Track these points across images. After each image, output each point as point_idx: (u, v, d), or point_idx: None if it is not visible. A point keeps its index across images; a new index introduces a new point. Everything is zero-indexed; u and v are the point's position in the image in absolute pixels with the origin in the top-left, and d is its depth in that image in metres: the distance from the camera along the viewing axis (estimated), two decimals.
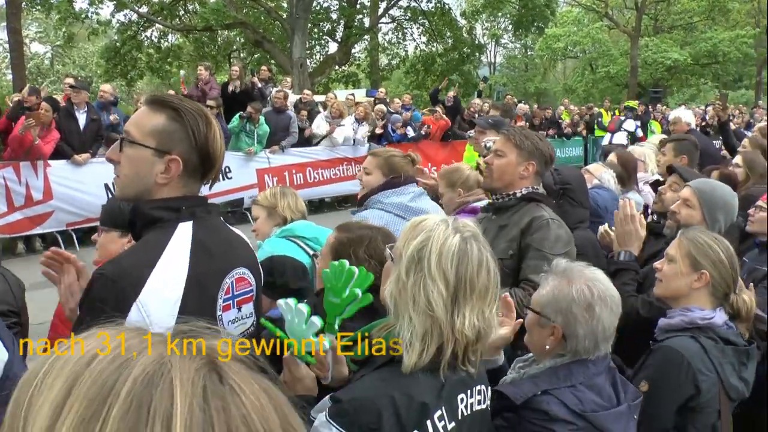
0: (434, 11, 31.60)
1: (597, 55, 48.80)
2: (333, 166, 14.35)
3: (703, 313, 2.83)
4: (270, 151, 13.58)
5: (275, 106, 13.84)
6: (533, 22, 33.23)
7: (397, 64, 35.02)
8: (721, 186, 3.79)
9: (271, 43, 27.94)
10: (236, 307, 2.24)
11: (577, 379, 2.31)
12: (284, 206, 4.13)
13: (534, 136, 3.63)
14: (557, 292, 2.36)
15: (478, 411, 2.09)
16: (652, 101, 27.61)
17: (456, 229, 1.98)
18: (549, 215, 3.41)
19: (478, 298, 1.94)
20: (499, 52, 62.93)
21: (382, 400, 1.86)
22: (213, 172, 2.18)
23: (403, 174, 4.16)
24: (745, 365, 2.82)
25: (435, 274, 1.91)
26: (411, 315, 1.93)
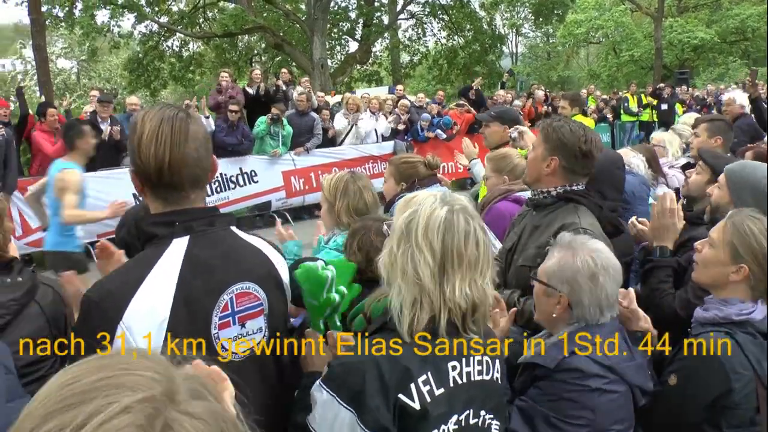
0: (453, 4, 31.53)
1: (620, 38, 48.23)
2: (359, 164, 14.28)
3: (740, 307, 2.66)
4: (295, 153, 13.61)
5: (298, 109, 13.87)
6: (553, 9, 32.98)
7: (419, 60, 34.95)
8: (753, 165, 3.59)
9: (291, 45, 28.05)
10: (238, 323, 2.16)
11: (599, 339, 2.44)
12: (341, 208, 3.68)
13: (565, 127, 3.25)
14: (563, 262, 2.48)
15: (480, 381, 2.09)
16: (679, 82, 27.30)
17: (444, 202, 2.03)
18: (583, 223, 3.11)
19: (468, 268, 2.00)
20: (521, 42, 62.59)
21: (368, 363, 1.93)
22: (178, 181, 2.05)
23: (418, 178, 4.18)
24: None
25: (422, 245, 1.97)
26: (400, 284, 2.00)
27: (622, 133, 22.62)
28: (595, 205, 3.26)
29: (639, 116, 22.61)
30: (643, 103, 22.58)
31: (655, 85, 24.69)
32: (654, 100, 22.32)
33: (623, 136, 22.48)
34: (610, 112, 22.29)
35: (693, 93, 25.84)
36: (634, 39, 46.80)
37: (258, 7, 28.13)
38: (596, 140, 3.24)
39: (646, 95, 23.01)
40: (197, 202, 2.14)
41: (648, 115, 22.48)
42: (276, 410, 2.30)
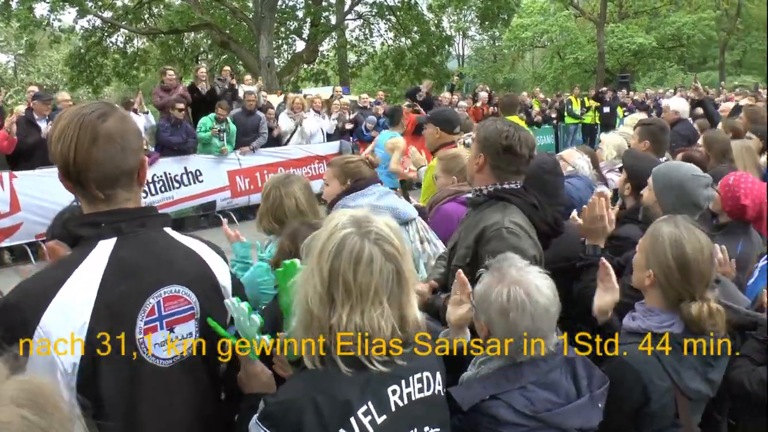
0: (400, 6, 31.60)
1: (564, 43, 49.17)
2: (305, 164, 14.23)
3: (661, 318, 2.70)
4: (240, 152, 13.46)
5: (247, 108, 13.74)
6: (499, 13, 33.33)
7: (365, 60, 34.96)
8: (678, 166, 3.69)
9: (237, 43, 27.80)
10: (166, 328, 2.06)
11: (527, 379, 2.27)
12: (262, 212, 3.70)
13: (491, 125, 3.27)
14: (484, 290, 2.34)
15: (421, 399, 2.01)
16: (620, 86, 27.94)
17: (352, 224, 1.93)
18: (506, 222, 3.06)
19: (360, 298, 1.88)
20: (467, 45, 63.11)
21: (304, 401, 1.84)
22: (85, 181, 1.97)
23: (361, 177, 4.15)
24: (711, 366, 2.70)
25: (313, 269, 1.91)
26: (298, 310, 1.94)
27: (566, 134, 23.01)
28: (527, 204, 3.21)
29: (582, 119, 23.02)
30: (586, 106, 23.01)
31: (598, 89, 25.23)
32: (596, 103, 22.78)
33: (567, 137, 22.87)
34: (554, 112, 22.65)
35: (633, 96, 26.45)
36: (578, 43, 47.77)
37: (204, 4, 27.76)
38: (523, 137, 3.18)
39: (589, 98, 23.46)
40: (128, 203, 2.07)
41: (591, 117, 22.91)
42: (217, 418, 2.24)
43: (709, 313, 2.62)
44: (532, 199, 3.25)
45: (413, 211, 4.31)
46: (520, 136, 3.17)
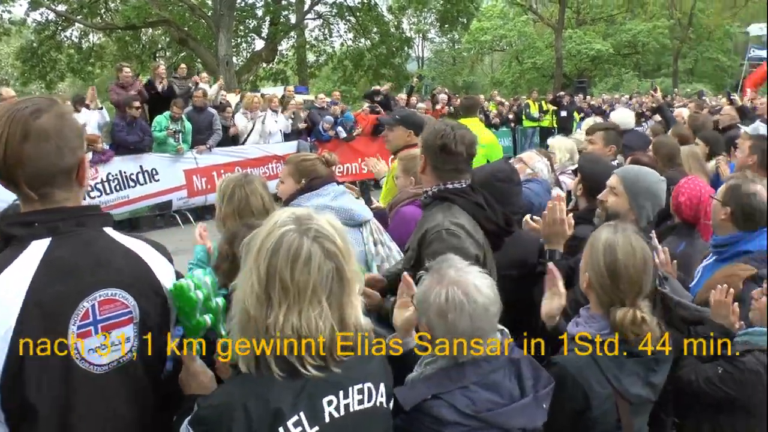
0: (360, 7, 31.62)
1: (523, 47, 49.80)
2: (262, 164, 14.07)
3: (601, 325, 2.74)
4: (197, 151, 13.27)
5: (195, 104, 13.53)
6: (458, 17, 33.57)
7: (324, 60, 34.89)
8: (646, 172, 3.76)
9: (196, 41, 27.52)
10: (101, 332, 1.97)
11: (470, 379, 2.26)
12: (227, 213, 3.59)
13: (430, 126, 3.28)
14: (423, 291, 2.32)
15: (360, 411, 1.96)
16: (578, 91, 28.36)
17: (293, 221, 1.89)
18: (446, 223, 3.06)
19: (297, 297, 1.83)
20: (427, 47, 63.36)
21: (235, 406, 1.80)
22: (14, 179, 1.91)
23: (317, 176, 4.11)
24: (654, 371, 2.74)
25: (251, 268, 1.85)
26: (235, 309, 1.89)
27: (524, 137, 23.26)
28: (471, 203, 3.19)
29: (540, 122, 23.32)
30: (544, 110, 23.32)
31: (556, 93, 25.52)
32: (554, 107, 23.12)
33: (524, 140, 23.12)
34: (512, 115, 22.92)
35: (590, 101, 26.85)
36: (536, 48, 48.42)
37: (162, 1, 27.41)
38: (459, 135, 3.15)
39: (546, 102, 23.77)
40: (67, 202, 2.00)
41: (548, 121, 23.21)
42: (159, 423, 2.18)
43: (633, 320, 2.64)
44: (477, 198, 3.23)
45: (368, 213, 4.30)
46: (456, 135, 3.15)
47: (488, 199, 3.30)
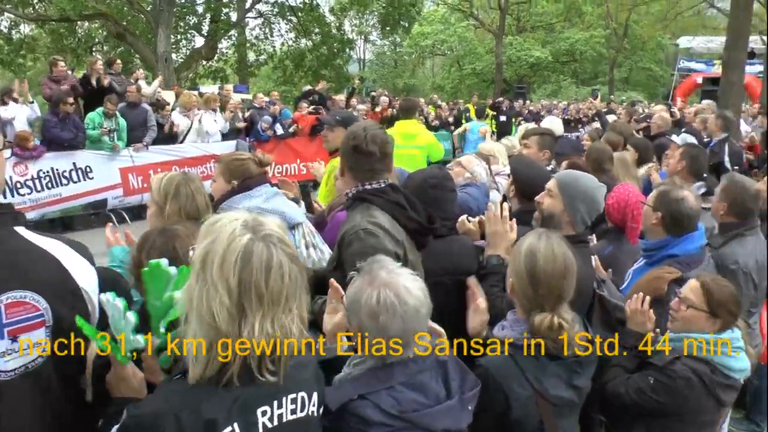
0: (302, 7, 31.47)
1: (464, 53, 50.29)
2: (200, 163, 13.82)
3: (522, 329, 2.78)
4: (134, 149, 12.98)
5: (129, 101, 13.21)
6: (399, 20, 33.74)
7: (265, 60, 34.63)
8: (584, 177, 3.80)
9: (134, 36, 26.88)
10: (8, 337, 1.90)
11: (396, 380, 2.26)
12: (172, 211, 3.41)
13: (349, 129, 3.29)
14: (354, 293, 2.30)
15: (292, 421, 1.94)
16: (517, 97, 28.83)
17: (247, 229, 1.84)
18: (364, 224, 3.04)
19: (271, 304, 1.80)
20: (369, 49, 63.51)
21: (167, 416, 1.74)
22: None
23: (249, 176, 4.07)
24: (577, 372, 2.77)
25: (217, 282, 1.76)
26: (196, 326, 1.79)
27: (463, 141, 23.54)
28: (390, 203, 3.17)
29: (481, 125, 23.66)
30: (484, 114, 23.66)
31: (495, 98, 25.89)
32: (493, 111, 23.47)
33: (464, 144, 23.40)
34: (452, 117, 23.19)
35: (529, 107, 27.32)
36: (477, 54, 49.03)
37: None
38: (371, 135, 3.15)
39: (486, 106, 24.11)
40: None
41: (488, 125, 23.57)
42: (76, 427, 2.12)
43: (550, 326, 2.67)
44: (396, 197, 3.21)
45: (300, 215, 4.27)
46: (368, 135, 3.15)
47: (410, 198, 3.29)
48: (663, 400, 3.16)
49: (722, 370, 3.16)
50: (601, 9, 43.32)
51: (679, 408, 3.17)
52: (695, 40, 39.12)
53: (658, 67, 52.25)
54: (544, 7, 48.45)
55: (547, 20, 49.69)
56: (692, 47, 39.30)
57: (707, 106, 12.33)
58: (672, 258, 3.83)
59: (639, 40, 48.47)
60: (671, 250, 3.86)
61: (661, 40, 47.76)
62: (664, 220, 3.88)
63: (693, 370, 3.14)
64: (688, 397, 3.13)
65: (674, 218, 3.85)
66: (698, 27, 39.88)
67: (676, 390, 3.13)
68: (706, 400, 3.15)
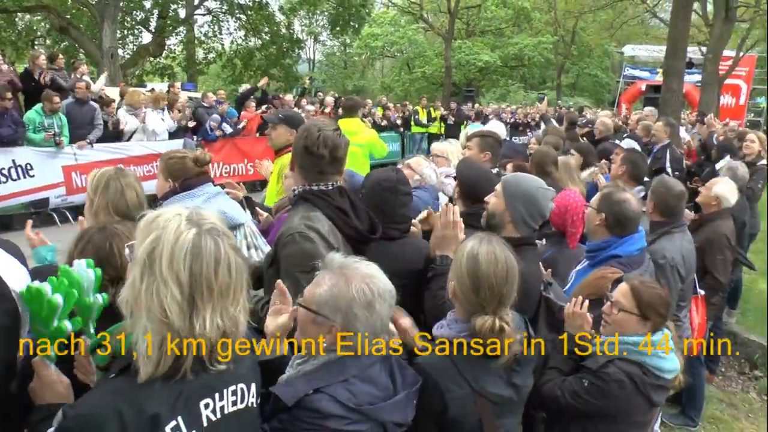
0: (251, 5, 31.26)
1: (413, 55, 50.54)
2: (146, 162, 13.49)
3: (460, 328, 2.79)
4: (77, 146, 12.55)
5: (78, 96, 12.79)
6: (349, 21, 33.78)
7: (213, 58, 34.27)
8: (527, 178, 3.83)
9: (78, 30, 26.28)
10: None
11: (350, 373, 2.28)
12: (100, 205, 3.36)
13: (302, 128, 3.25)
14: (336, 290, 2.27)
15: (234, 412, 1.96)
16: (466, 100, 29.17)
17: (191, 223, 1.84)
18: (301, 227, 3.02)
19: (220, 297, 1.83)
20: (318, 49, 63.42)
21: (108, 414, 1.71)
22: None
23: (189, 176, 4.03)
24: (516, 371, 2.79)
25: (167, 277, 1.76)
26: (146, 324, 1.78)
27: (412, 143, 23.72)
28: (332, 207, 3.15)
29: (428, 128, 23.85)
30: (432, 117, 23.87)
31: (444, 101, 26.14)
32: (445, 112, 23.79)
33: (413, 145, 23.58)
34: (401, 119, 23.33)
35: (477, 110, 27.67)
36: (426, 57, 49.32)
37: None
38: (323, 138, 3.10)
39: (435, 109, 24.33)
40: None
41: (437, 127, 23.78)
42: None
43: (491, 328, 2.67)
44: (340, 202, 3.20)
45: (242, 216, 4.25)
46: (320, 137, 3.10)
47: (356, 204, 3.28)
48: (597, 402, 3.22)
49: (653, 371, 3.23)
50: (549, 15, 44.13)
51: (612, 409, 3.24)
52: (640, 48, 40.17)
53: (604, 74, 53.43)
54: (494, 12, 49.00)
55: (496, 25, 50.27)
56: (637, 55, 40.37)
57: (649, 112, 12.66)
58: (614, 258, 3.93)
59: (586, 47, 49.41)
60: (614, 250, 3.96)
61: (607, 47, 48.78)
62: (607, 222, 3.98)
63: (625, 372, 3.20)
64: (621, 399, 3.20)
65: (617, 219, 3.95)
66: (642, 36, 40.83)
67: (610, 392, 3.20)
68: (638, 400, 3.22)
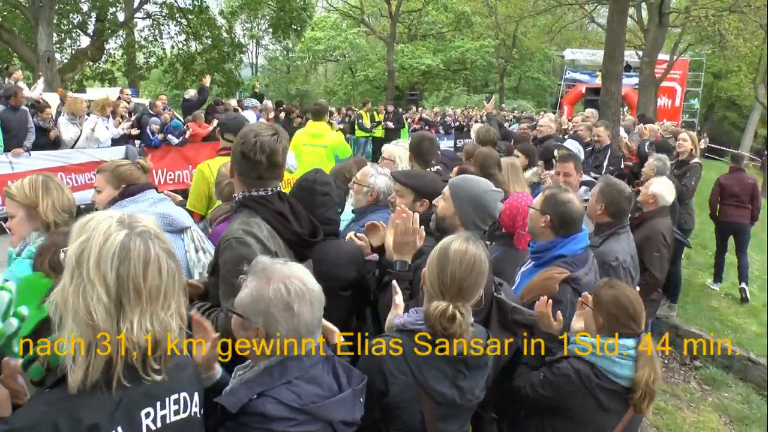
0: (192, 9, 30.88)
1: (356, 59, 50.57)
2: (88, 170, 13.02)
3: (416, 317, 2.84)
4: (13, 154, 12.06)
5: (11, 103, 12.23)
6: (291, 24, 33.65)
7: (155, 62, 33.72)
8: (474, 180, 3.88)
9: (11, 33, 25.43)
10: None
11: (292, 375, 2.28)
12: (47, 207, 3.39)
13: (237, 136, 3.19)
14: (256, 293, 2.27)
15: (176, 422, 1.94)
16: (409, 103, 29.34)
17: (123, 225, 1.83)
18: (238, 232, 3.01)
19: (149, 300, 1.80)
20: (261, 54, 62.94)
21: (43, 427, 1.67)
22: None
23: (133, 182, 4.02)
24: (462, 373, 2.82)
25: (94, 279, 1.74)
26: (73, 328, 1.74)
27: (357, 147, 23.74)
28: (271, 212, 3.15)
29: (372, 132, 23.91)
30: (376, 120, 23.94)
31: (387, 105, 26.22)
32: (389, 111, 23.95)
33: (358, 149, 23.61)
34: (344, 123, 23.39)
35: (422, 114, 27.88)
36: (369, 60, 49.38)
37: None
38: (260, 143, 3.06)
39: (378, 113, 24.40)
40: None
41: (380, 131, 23.85)
42: None
43: (443, 313, 2.70)
44: (280, 207, 3.19)
45: (188, 219, 4.24)
46: (257, 142, 3.06)
47: (296, 209, 3.29)
48: (547, 394, 3.31)
49: (605, 374, 3.25)
50: (490, 20, 44.67)
51: (560, 403, 3.31)
52: (580, 52, 41.03)
53: (545, 77, 54.37)
54: (434, 16, 49.37)
55: (438, 29, 50.65)
56: (577, 59, 41.21)
57: (590, 114, 12.95)
58: (560, 258, 3.99)
59: (527, 50, 50.14)
60: (559, 250, 4.01)
61: (548, 51, 49.61)
62: (552, 223, 4.03)
63: (575, 368, 3.27)
64: (568, 394, 3.27)
65: (562, 220, 4.01)
66: (582, 40, 41.69)
67: (558, 385, 3.28)
68: (585, 399, 3.26)
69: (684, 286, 9.66)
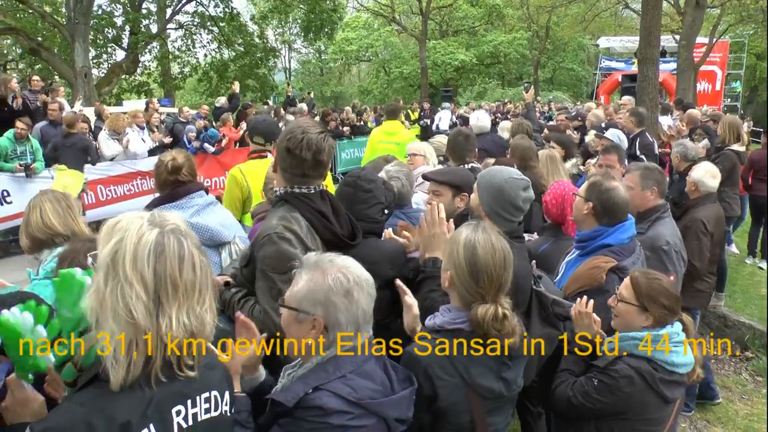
0: (223, 17, 31.15)
1: (389, 57, 50.62)
2: (127, 181, 13.32)
3: (454, 316, 2.77)
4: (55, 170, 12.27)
5: (51, 119, 12.50)
6: (322, 27, 33.76)
7: (189, 72, 34.12)
8: (497, 170, 3.72)
9: (49, 51, 25.93)
10: None
11: (346, 369, 2.27)
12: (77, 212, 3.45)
13: (284, 131, 3.21)
14: (312, 284, 2.27)
15: (207, 420, 1.94)
16: (444, 99, 29.19)
17: (154, 224, 1.84)
18: (278, 228, 3.02)
19: (185, 296, 1.83)
20: (294, 58, 63.36)
21: (78, 427, 1.67)
22: None
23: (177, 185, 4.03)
24: (507, 365, 2.76)
25: (131, 278, 1.76)
26: (113, 327, 1.75)
27: None
28: (312, 210, 3.14)
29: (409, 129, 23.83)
30: (412, 119, 23.80)
31: (422, 102, 26.12)
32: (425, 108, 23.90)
33: None
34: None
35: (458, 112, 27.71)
36: (402, 58, 49.40)
37: (9, 7, 25.71)
38: (307, 140, 3.07)
39: (412, 111, 24.29)
40: None
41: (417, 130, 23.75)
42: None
43: (494, 317, 2.66)
44: (322, 206, 3.18)
45: (229, 233, 4.21)
46: (304, 139, 3.06)
47: (338, 209, 3.27)
48: (607, 400, 3.19)
49: (664, 366, 3.17)
50: (522, 12, 44.35)
51: (624, 406, 3.20)
52: (614, 40, 40.41)
53: (580, 67, 53.71)
54: (466, 11, 49.18)
55: (469, 24, 50.46)
56: (612, 47, 40.57)
57: (627, 101, 12.70)
58: (606, 248, 3.89)
59: (560, 41, 49.68)
60: (605, 239, 3.92)
61: (581, 40, 49.07)
62: (596, 210, 3.95)
63: (634, 368, 3.17)
64: (631, 395, 3.17)
65: (605, 208, 3.91)
66: (616, 27, 41.11)
67: (619, 389, 3.17)
68: (649, 396, 3.17)
69: (731, 275, 9.38)
